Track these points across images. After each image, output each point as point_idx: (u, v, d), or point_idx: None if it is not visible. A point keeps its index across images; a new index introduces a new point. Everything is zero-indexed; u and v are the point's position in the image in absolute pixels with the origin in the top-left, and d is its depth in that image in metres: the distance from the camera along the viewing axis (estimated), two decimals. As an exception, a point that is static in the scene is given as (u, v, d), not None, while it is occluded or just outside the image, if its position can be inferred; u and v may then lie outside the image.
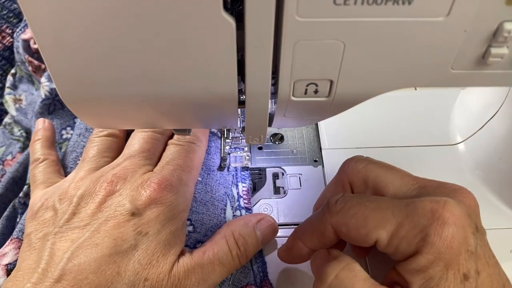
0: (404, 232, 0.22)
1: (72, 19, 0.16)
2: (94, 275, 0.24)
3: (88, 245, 0.25)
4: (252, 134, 0.24)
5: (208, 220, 0.33)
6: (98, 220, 0.26)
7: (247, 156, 0.37)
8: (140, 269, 0.26)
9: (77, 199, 0.27)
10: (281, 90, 0.20)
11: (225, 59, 0.18)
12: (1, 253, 0.31)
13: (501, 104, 0.36)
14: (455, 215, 0.21)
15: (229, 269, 0.29)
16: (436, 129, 0.41)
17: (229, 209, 0.34)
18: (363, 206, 0.24)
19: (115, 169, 0.29)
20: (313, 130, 0.41)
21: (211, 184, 0.35)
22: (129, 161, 0.30)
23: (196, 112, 0.22)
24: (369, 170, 0.27)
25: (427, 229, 0.21)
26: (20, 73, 0.45)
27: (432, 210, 0.22)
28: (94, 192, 0.28)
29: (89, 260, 0.24)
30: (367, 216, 0.23)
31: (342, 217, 0.25)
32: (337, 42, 0.17)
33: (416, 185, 0.25)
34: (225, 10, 0.16)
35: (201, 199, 0.34)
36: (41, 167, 0.33)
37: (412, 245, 0.22)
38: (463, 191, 0.24)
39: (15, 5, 0.46)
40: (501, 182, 0.36)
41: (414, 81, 0.20)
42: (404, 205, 0.23)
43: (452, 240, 0.21)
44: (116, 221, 0.26)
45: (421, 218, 0.22)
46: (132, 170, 0.29)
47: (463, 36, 0.17)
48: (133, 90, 0.19)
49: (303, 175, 0.38)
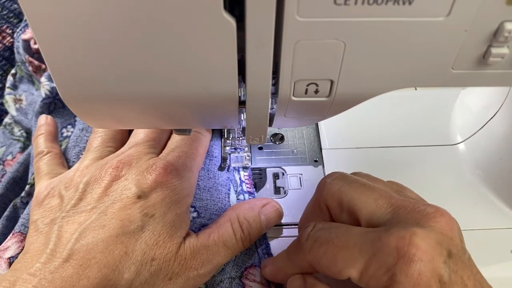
0: (372, 271, 0.22)
1: (72, 18, 0.16)
2: (102, 255, 0.25)
3: (95, 226, 0.25)
4: (253, 134, 0.24)
5: (212, 205, 0.33)
6: (105, 203, 0.27)
7: (247, 156, 0.37)
8: (147, 249, 0.26)
9: (83, 186, 0.28)
10: (282, 90, 0.20)
11: (225, 59, 0.18)
12: (4, 247, 0.31)
13: (501, 104, 0.36)
14: (422, 249, 0.21)
15: (233, 251, 0.29)
16: (436, 129, 0.41)
17: (233, 193, 0.35)
18: (332, 244, 0.24)
19: (120, 156, 0.30)
20: (314, 130, 0.41)
21: (213, 170, 0.36)
22: (134, 149, 0.30)
23: (197, 112, 0.22)
24: (343, 192, 0.26)
25: (393, 268, 0.21)
26: (20, 73, 0.45)
27: (398, 247, 0.21)
28: (100, 178, 0.28)
29: (96, 240, 0.25)
30: (336, 255, 0.23)
31: (313, 256, 0.25)
32: (338, 42, 0.17)
33: (390, 209, 0.24)
34: (225, 10, 0.16)
35: (204, 186, 0.34)
36: (45, 159, 0.33)
37: (381, 283, 0.21)
38: (436, 214, 0.23)
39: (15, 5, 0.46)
40: (501, 182, 0.36)
41: (414, 81, 0.20)
42: (371, 242, 0.22)
43: (419, 277, 0.20)
44: (122, 203, 0.26)
45: (387, 256, 0.21)
46: (137, 157, 0.30)
47: (464, 36, 0.17)
48: (134, 90, 0.19)
49: (303, 175, 0.38)
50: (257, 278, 0.31)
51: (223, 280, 0.30)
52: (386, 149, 0.39)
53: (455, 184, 0.37)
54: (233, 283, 0.30)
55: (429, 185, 0.37)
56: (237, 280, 0.30)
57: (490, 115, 0.37)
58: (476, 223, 0.35)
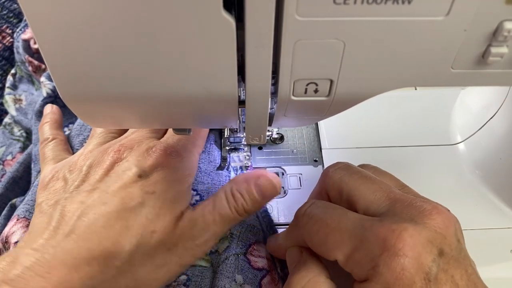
0: (358, 257, 0.22)
1: (72, 18, 0.16)
2: (103, 229, 0.25)
3: (97, 204, 0.26)
4: (252, 133, 0.24)
5: (214, 188, 0.34)
6: (106, 183, 0.27)
7: (247, 156, 0.37)
8: (147, 223, 0.27)
9: (86, 168, 0.29)
10: (281, 90, 0.20)
11: (225, 58, 0.18)
12: (10, 232, 0.31)
13: (501, 103, 0.36)
14: (409, 245, 0.20)
15: (228, 221, 0.30)
16: (436, 129, 0.41)
17: (233, 175, 0.36)
18: (325, 224, 0.24)
19: (122, 140, 0.31)
20: (313, 130, 0.41)
21: (214, 154, 0.36)
22: (136, 134, 0.31)
23: (196, 112, 0.22)
24: (344, 182, 0.27)
25: (377, 259, 0.21)
26: (20, 73, 0.45)
27: (385, 239, 0.21)
28: (102, 161, 0.29)
29: (98, 216, 0.26)
30: (327, 235, 0.24)
31: (306, 232, 0.25)
32: (337, 42, 0.17)
33: (387, 202, 0.24)
34: (225, 10, 0.16)
35: (205, 169, 0.35)
36: (50, 145, 0.35)
37: (364, 271, 0.22)
38: (433, 212, 0.22)
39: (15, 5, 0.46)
40: (501, 182, 0.36)
41: (414, 81, 0.20)
42: (362, 229, 0.22)
43: (402, 272, 0.20)
44: (123, 182, 0.27)
45: (373, 246, 0.21)
46: (138, 140, 0.31)
47: (463, 36, 0.17)
48: (133, 90, 0.19)
49: (303, 175, 0.38)
50: (262, 254, 0.32)
51: (228, 257, 0.31)
52: (386, 149, 0.39)
53: (455, 184, 0.37)
54: (238, 259, 0.31)
55: (429, 185, 0.37)
56: (242, 256, 0.31)
57: (490, 115, 0.37)
58: (476, 223, 0.35)
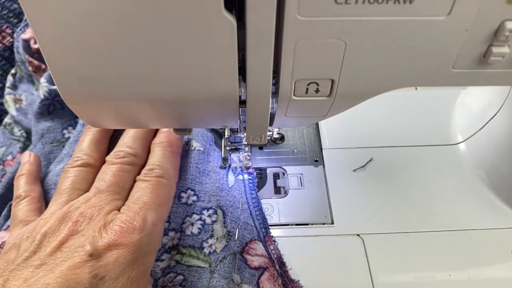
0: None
1: (73, 19, 0.16)
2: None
3: (39, 284, 0.24)
4: (253, 133, 0.24)
5: (211, 187, 0.34)
6: (56, 260, 0.25)
7: (247, 156, 0.37)
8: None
9: (40, 237, 0.27)
10: (282, 90, 0.20)
11: (226, 58, 0.18)
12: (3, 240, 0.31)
13: (502, 104, 0.36)
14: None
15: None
16: (437, 129, 0.41)
17: (231, 174, 0.36)
18: None
19: (81, 207, 0.29)
20: (314, 130, 0.41)
21: (212, 154, 0.36)
22: (97, 198, 0.29)
23: (197, 112, 0.22)
24: None
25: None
26: (20, 73, 0.45)
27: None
28: (58, 230, 0.27)
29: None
30: None
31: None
32: (338, 41, 0.17)
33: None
34: (226, 9, 0.16)
35: (203, 170, 0.35)
36: (22, 205, 0.33)
37: None
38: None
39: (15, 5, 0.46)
40: (501, 181, 0.36)
41: (415, 80, 0.20)
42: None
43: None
44: (72, 262, 0.25)
45: None
46: (98, 207, 0.29)
47: (464, 35, 0.17)
48: (134, 90, 0.19)
49: (304, 175, 0.38)
50: (258, 252, 0.32)
51: (226, 256, 0.31)
52: (387, 149, 0.39)
53: (455, 184, 0.37)
54: (235, 258, 0.31)
55: (430, 185, 0.37)
56: (238, 256, 0.32)
57: (490, 115, 0.37)
58: (477, 223, 0.35)
